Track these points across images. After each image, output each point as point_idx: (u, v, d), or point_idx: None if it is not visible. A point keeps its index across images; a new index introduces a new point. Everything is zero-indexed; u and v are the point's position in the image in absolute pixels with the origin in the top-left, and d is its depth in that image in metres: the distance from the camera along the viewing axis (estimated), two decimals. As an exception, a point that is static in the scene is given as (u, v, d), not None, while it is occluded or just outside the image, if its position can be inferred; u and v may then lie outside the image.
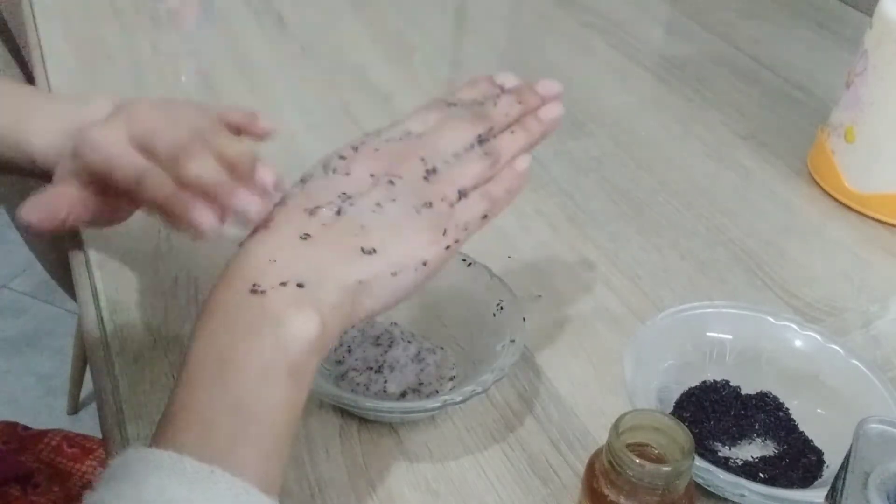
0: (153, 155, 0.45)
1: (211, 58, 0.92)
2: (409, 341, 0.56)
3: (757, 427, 0.53)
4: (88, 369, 0.99)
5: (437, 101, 0.47)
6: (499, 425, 0.53)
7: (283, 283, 0.39)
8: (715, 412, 0.53)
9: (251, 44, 0.96)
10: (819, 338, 0.55)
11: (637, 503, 0.41)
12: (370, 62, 0.95)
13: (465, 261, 0.57)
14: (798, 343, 0.55)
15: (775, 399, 0.54)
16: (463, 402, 0.48)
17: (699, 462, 0.46)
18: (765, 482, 0.49)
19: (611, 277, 0.66)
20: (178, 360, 0.51)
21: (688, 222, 0.73)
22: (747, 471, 0.50)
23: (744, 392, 0.54)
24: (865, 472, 0.35)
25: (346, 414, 0.52)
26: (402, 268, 0.42)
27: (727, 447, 0.52)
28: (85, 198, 0.50)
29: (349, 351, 0.55)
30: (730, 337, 0.56)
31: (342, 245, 0.41)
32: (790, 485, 0.49)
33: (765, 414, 0.53)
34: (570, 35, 1.06)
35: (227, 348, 0.38)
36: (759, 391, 0.54)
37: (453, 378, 0.54)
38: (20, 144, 0.52)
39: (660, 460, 0.40)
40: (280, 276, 0.39)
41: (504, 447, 0.52)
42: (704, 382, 0.55)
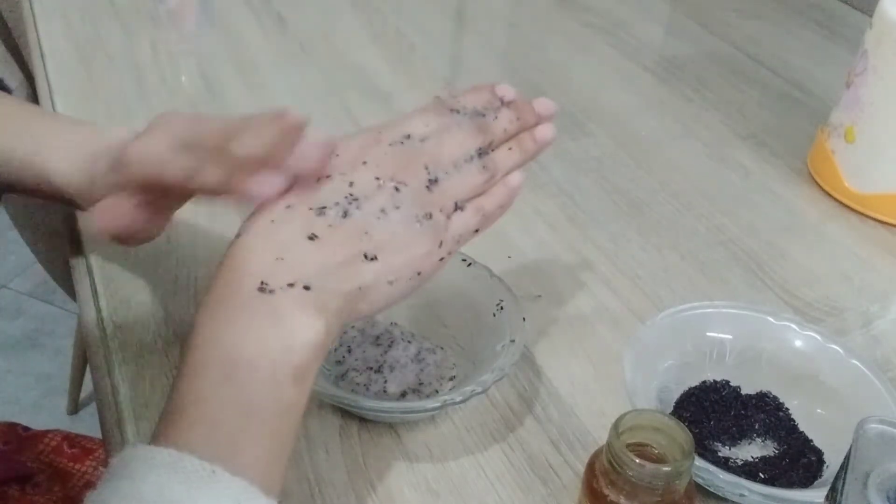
0: (199, 150, 0.45)
1: (211, 58, 0.92)
2: (409, 341, 0.56)
3: (757, 427, 0.53)
4: (88, 369, 0.99)
5: (439, 103, 0.47)
6: (499, 425, 0.53)
7: (291, 285, 0.39)
8: (715, 412, 0.53)
9: (251, 44, 0.96)
10: (819, 338, 0.55)
11: (637, 503, 0.41)
12: (370, 62, 0.95)
13: (465, 261, 0.57)
14: (798, 343, 0.55)
15: (775, 399, 0.54)
16: (463, 402, 0.48)
17: (699, 462, 0.46)
18: (765, 482, 0.49)
19: (611, 277, 0.66)
20: (178, 357, 0.51)
21: (688, 222, 0.73)
22: (747, 471, 0.50)
23: (744, 392, 0.54)
24: (865, 472, 0.35)
25: (346, 414, 0.52)
26: (399, 277, 0.42)
27: (727, 447, 0.52)
28: (132, 206, 0.50)
29: (349, 351, 0.55)
30: (730, 337, 0.56)
31: (347, 249, 0.41)
32: (790, 485, 0.49)
33: (765, 414, 0.53)
34: (570, 35, 1.06)
35: (235, 347, 0.38)
36: (759, 391, 0.54)
37: (453, 378, 0.54)
38: (42, 171, 0.53)
39: (660, 460, 0.40)
40: (288, 277, 0.39)
41: (504, 447, 0.52)
42: (704, 382, 0.55)
